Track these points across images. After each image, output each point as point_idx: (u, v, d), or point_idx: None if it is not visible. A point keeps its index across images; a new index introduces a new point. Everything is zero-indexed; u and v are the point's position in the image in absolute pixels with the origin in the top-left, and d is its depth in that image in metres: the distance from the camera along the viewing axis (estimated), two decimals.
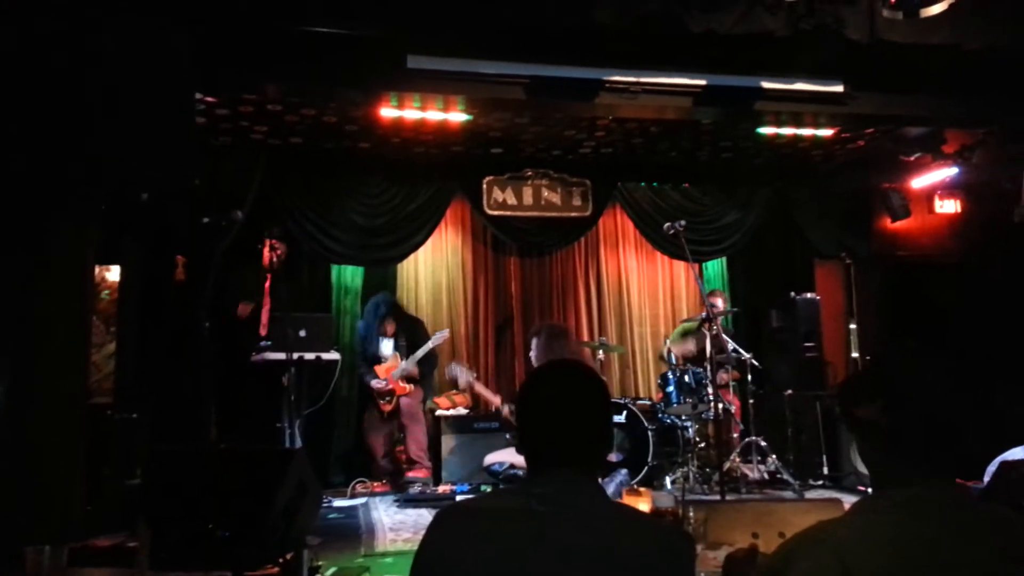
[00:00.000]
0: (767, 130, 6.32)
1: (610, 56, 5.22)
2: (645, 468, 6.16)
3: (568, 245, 7.91)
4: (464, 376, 5.61)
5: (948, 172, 7.24)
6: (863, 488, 5.98)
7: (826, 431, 6.70)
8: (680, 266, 8.23)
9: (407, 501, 5.92)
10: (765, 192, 7.86)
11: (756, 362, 6.62)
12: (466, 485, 6.29)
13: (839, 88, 5.55)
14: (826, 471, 6.62)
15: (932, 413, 1.38)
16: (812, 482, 6.50)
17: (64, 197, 4.25)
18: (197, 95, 4.92)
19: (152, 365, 5.75)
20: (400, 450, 6.71)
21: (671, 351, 7.15)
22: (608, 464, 5.58)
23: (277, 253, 6.22)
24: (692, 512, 2.51)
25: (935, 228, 8.07)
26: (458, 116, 5.87)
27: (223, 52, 4.71)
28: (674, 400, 6.34)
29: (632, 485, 5.62)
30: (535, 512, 1.46)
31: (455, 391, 7.28)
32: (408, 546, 4.59)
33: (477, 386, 5.83)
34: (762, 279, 8.16)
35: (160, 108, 4.13)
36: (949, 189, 7.92)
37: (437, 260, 7.79)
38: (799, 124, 6.12)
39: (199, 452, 3.89)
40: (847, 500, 2.48)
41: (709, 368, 5.95)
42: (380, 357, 6.75)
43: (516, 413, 1.67)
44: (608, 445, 1.65)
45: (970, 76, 5.51)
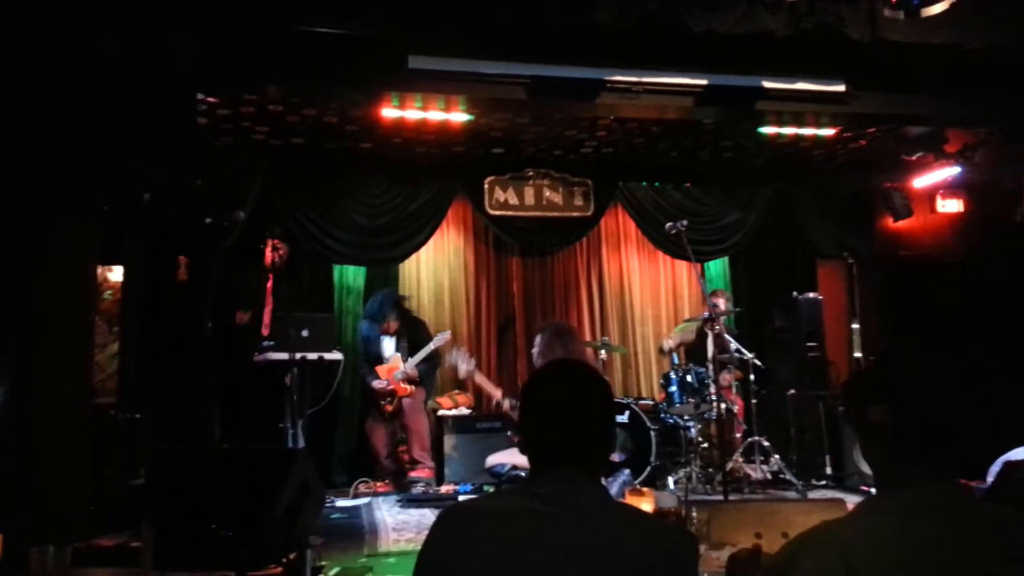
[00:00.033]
0: (768, 130, 6.31)
1: (611, 56, 5.22)
2: (648, 468, 6.17)
3: (570, 245, 7.91)
4: (464, 365, 5.58)
5: (950, 172, 7.23)
6: (866, 488, 5.97)
7: (829, 431, 6.69)
8: (682, 266, 8.23)
9: (410, 501, 5.92)
10: (767, 192, 7.86)
11: (758, 362, 6.61)
12: (469, 485, 6.29)
13: (840, 88, 5.54)
14: (829, 471, 6.61)
15: (935, 413, 1.38)
16: (815, 482, 6.50)
17: (64, 197, 4.24)
18: (199, 95, 4.92)
19: (155, 365, 5.76)
20: (403, 450, 6.71)
21: (669, 345, 7.17)
22: (611, 464, 5.58)
23: (279, 253, 6.23)
24: (695, 512, 2.52)
25: (937, 228, 8.07)
26: (459, 116, 5.87)
27: (224, 52, 4.70)
28: (677, 400, 6.34)
29: (635, 485, 5.62)
30: (538, 512, 1.46)
31: (457, 391, 7.28)
32: (411, 546, 4.59)
33: (477, 376, 5.79)
34: (764, 279, 8.16)
35: (161, 108, 4.13)
36: (951, 189, 7.91)
37: (439, 260, 7.79)
38: (800, 124, 6.12)
39: (202, 452, 3.90)
40: (850, 500, 2.49)
41: (711, 368, 5.95)
42: (382, 357, 6.75)
43: (519, 413, 1.68)
44: (611, 445, 1.65)
45: (971, 75, 5.51)
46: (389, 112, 5.70)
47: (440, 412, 6.93)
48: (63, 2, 4.02)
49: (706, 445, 6.60)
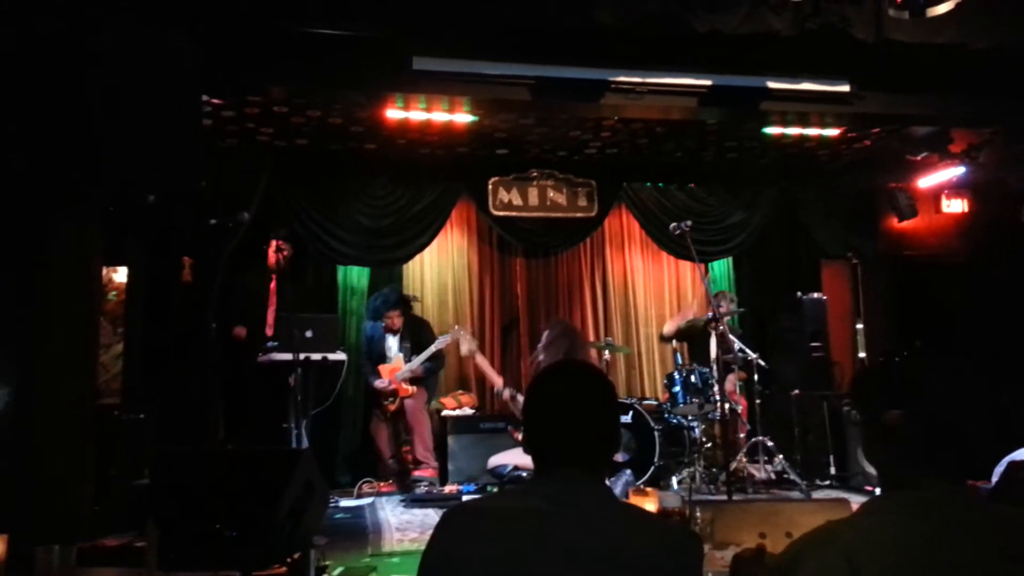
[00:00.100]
0: (773, 130, 6.31)
1: (615, 57, 5.22)
2: (652, 468, 6.16)
3: (574, 245, 7.91)
4: (467, 344, 5.56)
5: (955, 172, 7.22)
6: (870, 488, 5.96)
7: (833, 431, 6.68)
8: (686, 266, 8.22)
9: (414, 501, 5.92)
10: (771, 192, 7.85)
11: (762, 362, 6.61)
12: (472, 485, 6.30)
13: (845, 88, 5.54)
14: (833, 471, 6.60)
15: (942, 415, 1.37)
16: (819, 482, 6.49)
17: (64, 197, 4.24)
18: (204, 97, 4.93)
19: (159, 366, 5.77)
20: (406, 450, 6.72)
21: (669, 329, 7.18)
22: (614, 464, 5.58)
23: (283, 254, 6.23)
24: (699, 512, 2.51)
25: (942, 228, 8.05)
26: (463, 117, 5.87)
27: (225, 53, 4.70)
28: (680, 400, 6.34)
29: (638, 485, 5.62)
30: (542, 512, 1.46)
31: (461, 392, 7.29)
32: (415, 546, 4.59)
33: (479, 357, 5.76)
34: (768, 279, 8.14)
35: (162, 109, 4.12)
36: (956, 189, 7.90)
37: (443, 261, 7.80)
38: (805, 124, 6.11)
39: (206, 453, 3.91)
40: (854, 500, 2.48)
41: (715, 368, 5.94)
42: (385, 357, 6.76)
43: (523, 413, 1.68)
44: (615, 445, 1.65)
45: (976, 75, 5.50)
46: (393, 113, 5.71)
47: (444, 413, 6.94)
48: (63, 2, 4.02)
49: (710, 445, 6.60)
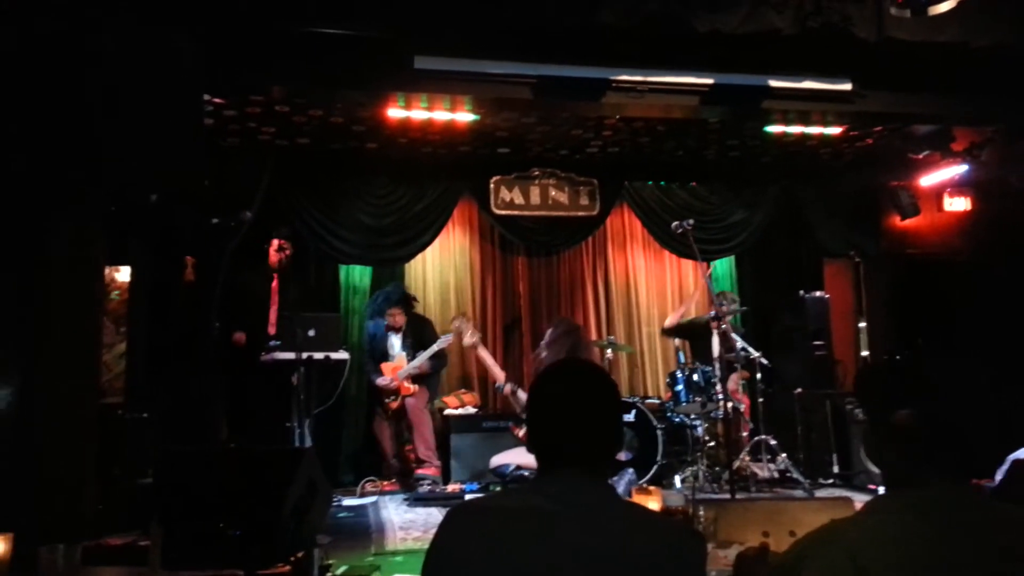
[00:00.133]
0: (775, 128, 6.30)
1: (617, 56, 5.22)
2: (654, 467, 6.16)
3: (576, 244, 7.91)
4: (469, 335, 5.55)
5: (957, 170, 7.22)
6: (873, 487, 5.96)
7: (836, 429, 6.67)
8: (688, 265, 8.23)
9: (417, 500, 5.93)
10: (773, 191, 7.84)
11: (765, 361, 6.60)
12: (475, 484, 6.30)
13: (847, 86, 5.54)
14: (836, 469, 6.59)
15: (947, 414, 1.37)
16: (822, 481, 6.48)
17: (65, 197, 4.25)
18: (205, 96, 4.93)
19: (162, 365, 5.77)
20: (409, 449, 6.72)
21: (671, 322, 7.19)
22: (617, 463, 5.58)
23: (285, 253, 6.24)
24: (702, 511, 2.52)
25: (944, 226, 8.04)
26: (465, 116, 5.87)
27: (227, 53, 4.71)
28: (683, 399, 6.33)
29: (641, 484, 5.62)
30: (546, 511, 1.46)
31: (464, 391, 7.29)
32: (418, 545, 4.59)
33: (480, 349, 5.75)
34: (771, 278, 8.14)
35: (162, 109, 4.11)
36: (958, 187, 7.89)
37: (445, 260, 7.81)
38: (807, 122, 6.11)
39: (210, 452, 3.92)
40: (858, 499, 2.48)
41: (718, 367, 5.94)
42: (387, 355, 6.76)
43: (527, 412, 1.68)
44: (618, 444, 1.65)
45: (978, 74, 5.50)
46: (395, 112, 5.71)
47: (446, 412, 6.94)
48: (63, 2, 4.02)
49: (712, 444, 6.59)
